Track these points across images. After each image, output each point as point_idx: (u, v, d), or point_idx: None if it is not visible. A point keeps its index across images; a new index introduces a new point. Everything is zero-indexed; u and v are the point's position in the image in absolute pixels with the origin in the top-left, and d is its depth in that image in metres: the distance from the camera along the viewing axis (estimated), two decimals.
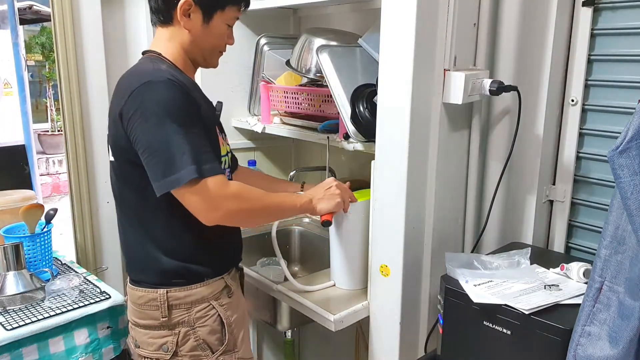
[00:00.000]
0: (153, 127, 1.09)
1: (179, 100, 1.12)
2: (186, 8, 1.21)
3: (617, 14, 1.34)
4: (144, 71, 1.17)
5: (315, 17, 2.05)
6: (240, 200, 1.16)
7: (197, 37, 1.25)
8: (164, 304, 1.23)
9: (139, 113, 1.11)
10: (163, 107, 1.10)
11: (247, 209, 1.19)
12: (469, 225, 1.50)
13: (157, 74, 1.14)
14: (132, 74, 1.19)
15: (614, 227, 0.94)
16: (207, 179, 1.10)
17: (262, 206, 1.22)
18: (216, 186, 1.11)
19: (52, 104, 7.14)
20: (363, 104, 1.43)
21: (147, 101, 1.10)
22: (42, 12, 6.08)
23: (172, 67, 1.22)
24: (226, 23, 1.28)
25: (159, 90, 1.11)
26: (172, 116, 1.09)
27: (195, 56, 1.29)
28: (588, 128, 1.43)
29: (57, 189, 6.36)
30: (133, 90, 1.12)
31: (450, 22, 1.28)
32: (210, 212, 1.13)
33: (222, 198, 1.12)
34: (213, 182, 1.11)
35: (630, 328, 0.87)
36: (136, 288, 1.27)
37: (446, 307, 1.22)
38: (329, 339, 2.15)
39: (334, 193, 1.35)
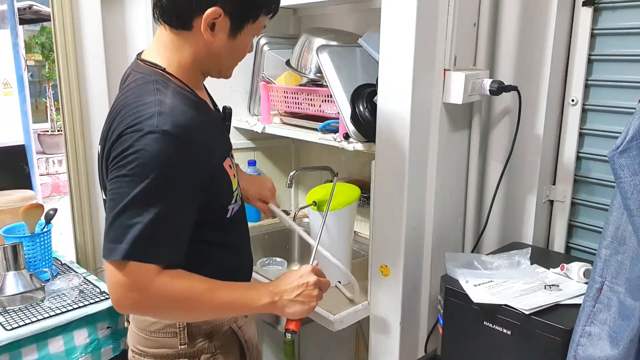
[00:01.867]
0: (123, 183, 0.92)
1: (166, 160, 0.92)
2: (214, 17, 0.98)
3: (617, 14, 1.34)
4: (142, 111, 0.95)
5: (315, 17, 2.05)
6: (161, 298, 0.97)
7: (217, 52, 1.04)
8: (184, 331, 1.10)
9: (118, 160, 0.93)
10: (143, 166, 0.91)
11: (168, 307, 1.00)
12: (469, 225, 1.50)
13: (153, 120, 0.93)
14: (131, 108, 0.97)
15: (615, 227, 0.94)
16: (136, 264, 0.92)
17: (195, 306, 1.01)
18: (137, 277, 0.93)
19: (52, 104, 7.14)
20: (363, 104, 1.43)
21: (129, 152, 0.92)
22: (42, 12, 6.07)
23: (179, 93, 1.01)
24: (254, 34, 1.08)
25: (147, 143, 0.91)
26: (146, 179, 0.91)
27: (210, 69, 1.09)
28: (588, 128, 1.43)
29: (57, 189, 6.35)
30: (122, 135, 0.94)
31: (450, 22, 1.28)
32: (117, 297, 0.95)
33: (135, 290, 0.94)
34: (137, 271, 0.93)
35: (631, 328, 0.87)
36: None
37: (446, 307, 1.22)
38: (329, 339, 2.15)
39: (312, 295, 1.09)
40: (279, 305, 1.08)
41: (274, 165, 2.18)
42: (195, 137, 0.96)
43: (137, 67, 1.06)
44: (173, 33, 1.02)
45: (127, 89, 1.03)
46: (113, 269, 0.93)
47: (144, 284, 0.94)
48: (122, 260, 0.91)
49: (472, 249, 1.51)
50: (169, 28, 1.02)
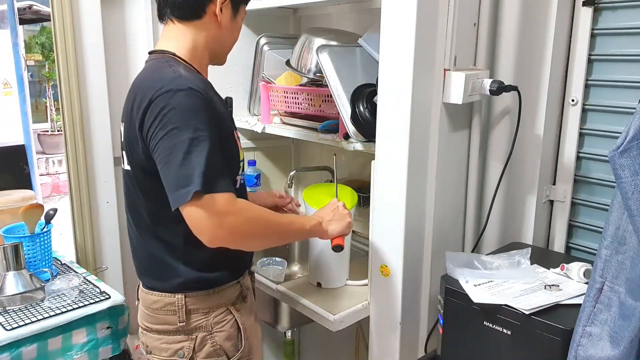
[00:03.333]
0: (171, 137, 1.04)
1: (199, 111, 1.07)
2: (223, 1, 1.17)
3: (617, 14, 1.34)
4: (165, 77, 1.09)
5: (315, 17, 2.05)
6: (246, 218, 1.09)
7: (225, 32, 1.22)
8: (182, 309, 1.20)
9: (157, 122, 1.06)
10: (182, 117, 1.05)
11: (253, 228, 1.12)
12: (469, 225, 1.50)
13: (178, 81, 1.08)
14: (153, 79, 1.11)
15: (615, 227, 0.94)
16: (213, 194, 1.03)
17: (269, 226, 1.16)
18: (222, 203, 1.04)
19: (52, 104, 7.14)
20: (363, 104, 1.43)
21: (166, 110, 1.05)
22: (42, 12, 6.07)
23: (189, 70, 1.16)
24: (243, 17, 1.27)
25: (180, 99, 1.05)
26: (190, 127, 1.04)
27: (217, 52, 1.25)
28: (588, 128, 1.43)
29: (57, 189, 6.35)
30: (152, 99, 1.07)
31: (450, 22, 1.28)
32: (212, 229, 1.04)
33: (226, 215, 1.05)
34: (219, 199, 1.04)
35: (632, 328, 0.87)
36: (151, 292, 1.23)
37: (446, 307, 1.22)
38: (329, 339, 2.15)
39: (343, 213, 1.30)
40: (323, 225, 1.27)
41: (274, 165, 2.18)
42: (211, 97, 1.12)
43: (149, 58, 1.22)
44: (183, 24, 1.18)
45: (142, 72, 1.19)
46: (194, 206, 1.02)
47: (232, 206, 1.06)
48: (202, 192, 1.01)
49: (472, 249, 1.51)
50: (178, 21, 1.18)
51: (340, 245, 1.29)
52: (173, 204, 1.04)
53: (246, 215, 1.09)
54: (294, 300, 1.49)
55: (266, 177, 2.15)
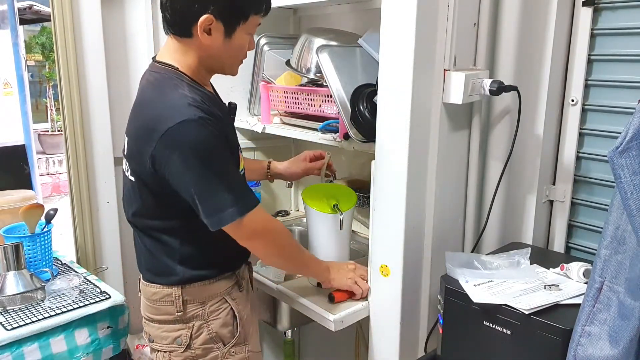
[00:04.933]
0: (195, 171, 1.12)
1: (214, 139, 1.13)
2: (207, 24, 1.15)
3: (617, 14, 1.34)
4: (174, 104, 1.13)
5: (315, 17, 2.05)
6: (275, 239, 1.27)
7: (217, 52, 1.21)
8: (179, 299, 1.27)
9: (176, 156, 1.11)
10: (200, 149, 1.11)
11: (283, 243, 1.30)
12: (469, 225, 1.50)
13: (188, 111, 1.11)
14: (163, 106, 1.15)
15: (614, 227, 0.94)
16: (250, 215, 1.17)
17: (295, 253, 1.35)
18: (256, 221, 1.20)
19: (52, 104, 7.14)
20: (363, 104, 1.43)
21: (184, 145, 1.10)
22: (42, 12, 6.07)
23: (193, 88, 1.19)
24: (248, 33, 1.23)
25: (195, 132, 1.10)
26: (209, 157, 1.12)
27: (214, 68, 1.27)
28: (588, 128, 1.43)
29: (57, 189, 6.36)
30: (165, 132, 1.10)
31: (450, 22, 1.28)
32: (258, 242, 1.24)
33: (267, 227, 1.24)
34: (254, 218, 1.18)
35: (631, 328, 0.87)
36: (150, 285, 1.30)
37: (446, 307, 1.22)
38: (329, 339, 2.15)
39: (354, 277, 1.43)
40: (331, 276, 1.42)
41: None
42: (218, 117, 1.17)
43: (153, 67, 1.24)
44: (178, 41, 1.20)
45: (148, 85, 1.22)
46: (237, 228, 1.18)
47: (270, 222, 1.26)
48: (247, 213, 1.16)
49: (472, 249, 1.51)
50: (174, 37, 1.21)
51: (335, 298, 1.43)
52: (213, 226, 1.16)
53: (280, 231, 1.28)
54: (294, 300, 1.49)
55: None
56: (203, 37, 1.16)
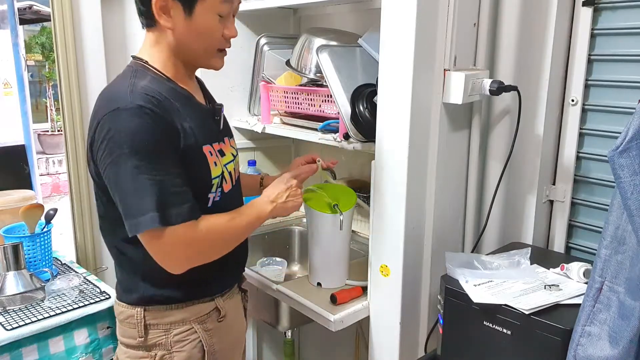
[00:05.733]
0: (117, 163, 0.99)
1: (147, 132, 1.00)
2: (162, 4, 1.05)
3: (617, 14, 1.34)
4: (117, 93, 1.04)
5: (315, 17, 2.05)
6: (209, 243, 1.09)
7: (182, 36, 1.09)
8: (141, 323, 1.13)
9: (104, 145, 1.00)
10: (128, 141, 0.98)
11: (216, 248, 1.12)
12: (469, 225, 1.50)
13: (127, 98, 1.01)
14: (108, 94, 1.08)
15: (614, 227, 0.94)
16: (172, 228, 1.00)
17: (232, 237, 1.14)
18: (179, 237, 1.02)
19: (52, 104, 7.14)
20: (363, 104, 1.43)
21: (112, 132, 0.99)
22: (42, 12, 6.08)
23: (156, 79, 1.09)
24: (215, 12, 1.09)
25: (125, 120, 0.99)
26: (137, 152, 0.98)
27: (188, 58, 1.14)
28: (588, 128, 1.43)
29: (57, 189, 6.36)
30: (101, 118, 1.01)
31: (450, 22, 1.28)
32: (173, 262, 1.05)
33: (188, 247, 1.04)
34: (177, 233, 1.01)
35: (631, 328, 0.87)
36: (118, 303, 1.20)
37: (446, 307, 1.22)
38: (329, 339, 2.15)
39: (297, 193, 1.27)
40: (277, 208, 1.22)
41: (274, 165, 2.18)
42: (165, 113, 1.03)
43: (129, 63, 1.15)
44: (149, 32, 1.13)
45: (110, 83, 1.14)
46: (151, 239, 1.01)
47: (191, 238, 1.04)
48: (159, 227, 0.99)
49: (472, 249, 1.51)
50: (146, 30, 1.14)
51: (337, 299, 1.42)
52: (129, 231, 1.01)
53: (208, 241, 1.08)
54: (294, 300, 1.49)
55: None
56: (162, 19, 1.07)
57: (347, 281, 1.55)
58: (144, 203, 0.98)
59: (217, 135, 1.21)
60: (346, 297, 1.45)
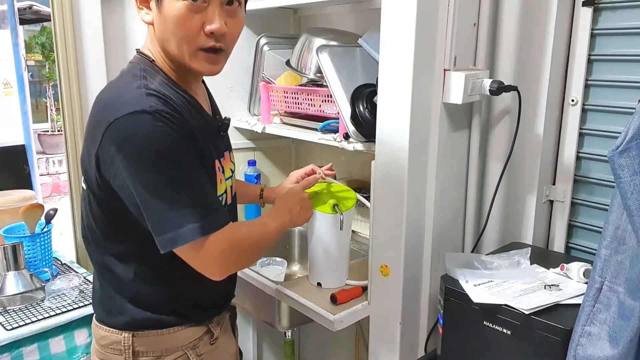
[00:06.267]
0: (145, 171, 0.89)
1: (171, 137, 0.90)
2: None
3: (617, 14, 1.34)
4: (128, 94, 0.93)
5: (315, 17, 2.05)
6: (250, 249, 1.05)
7: (159, 31, 0.97)
8: (129, 350, 1.04)
9: (122, 155, 0.89)
10: (153, 149, 0.89)
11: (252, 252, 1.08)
12: (469, 225, 1.50)
13: (143, 101, 0.90)
14: (115, 95, 0.96)
15: (614, 227, 0.94)
16: (215, 235, 0.94)
17: (264, 243, 1.10)
18: (221, 243, 0.96)
19: (52, 104, 7.14)
20: (363, 104, 1.43)
21: (134, 138, 0.88)
22: (42, 12, 6.08)
23: (166, 83, 1.00)
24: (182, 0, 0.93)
25: (146, 125, 0.88)
26: (165, 159, 0.89)
27: (171, 56, 1.00)
28: (588, 128, 1.43)
29: (57, 189, 6.36)
30: (112, 123, 0.89)
31: (450, 22, 1.28)
32: (219, 269, 0.99)
33: (227, 253, 0.98)
34: (221, 238, 0.95)
35: (631, 328, 0.87)
36: (100, 326, 1.09)
37: (446, 307, 1.22)
38: (329, 339, 2.15)
39: (308, 205, 1.26)
40: (294, 219, 1.20)
41: (274, 165, 2.18)
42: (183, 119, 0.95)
43: (133, 57, 1.07)
44: (148, 30, 1.04)
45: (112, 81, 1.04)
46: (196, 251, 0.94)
47: (233, 243, 0.98)
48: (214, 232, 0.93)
49: (472, 249, 1.51)
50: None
51: (337, 299, 1.42)
52: (161, 246, 0.93)
53: (248, 244, 1.04)
54: (294, 300, 1.49)
55: (266, 177, 2.15)
56: (141, 13, 0.99)
57: (347, 281, 1.55)
58: (181, 215, 0.90)
59: (221, 150, 1.14)
60: (346, 297, 1.45)
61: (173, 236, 0.91)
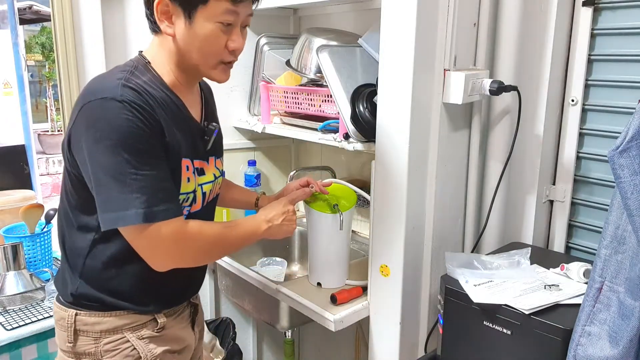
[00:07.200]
0: (104, 153, 0.95)
1: (136, 126, 0.97)
2: (164, 9, 1.02)
3: (617, 14, 1.34)
4: (108, 82, 1.01)
5: (315, 17, 2.05)
6: (196, 248, 1.07)
7: (183, 44, 1.05)
8: (71, 327, 1.08)
9: (89, 133, 0.97)
10: (117, 132, 0.95)
11: (202, 253, 1.10)
12: (469, 225, 1.50)
13: (116, 91, 0.98)
14: (98, 82, 1.04)
15: (614, 226, 0.94)
16: (158, 224, 0.98)
17: (220, 246, 1.13)
18: (167, 234, 1.00)
19: (52, 104, 7.15)
20: (363, 104, 1.43)
21: (100, 121, 0.96)
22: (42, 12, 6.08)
23: (153, 82, 1.06)
24: (216, 21, 1.03)
25: (114, 111, 0.96)
26: (126, 144, 0.95)
27: (189, 67, 1.09)
28: (588, 128, 1.43)
29: (57, 189, 6.35)
30: (86, 103, 0.98)
31: (450, 22, 1.28)
32: (158, 258, 1.03)
33: (174, 245, 1.02)
34: (164, 229, 0.99)
35: (631, 328, 0.87)
36: (55, 302, 1.14)
37: (446, 307, 1.22)
38: (329, 339, 2.15)
39: (292, 219, 1.26)
40: (272, 229, 1.21)
41: (274, 165, 2.18)
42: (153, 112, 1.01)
43: (135, 57, 1.13)
44: (156, 37, 1.11)
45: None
46: (139, 234, 0.99)
47: (179, 237, 1.02)
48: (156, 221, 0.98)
49: (472, 249, 1.51)
50: (153, 34, 1.12)
51: (337, 300, 1.42)
52: (104, 223, 0.98)
53: (197, 242, 1.06)
54: (294, 300, 1.49)
55: (266, 177, 2.15)
56: (163, 25, 1.04)
57: (347, 281, 1.55)
58: (128, 198, 0.96)
59: (202, 153, 1.17)
60: (346, 297, 1.45)
61: (115, 216, 0.97)
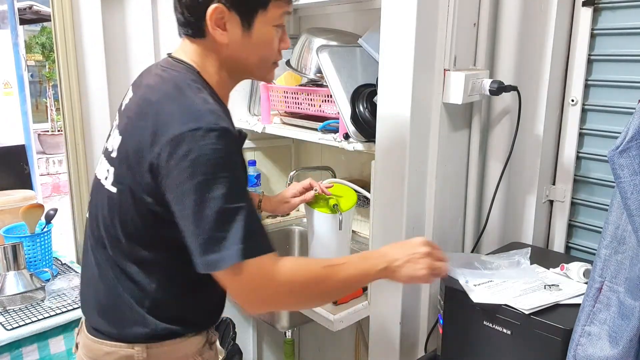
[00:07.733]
0: (199, 189, 0.87)
1: (231, 157, 0.90)
2: (219, 17, 0.96)
3: (617, 14, 1.34)
4: (193, 108, 0.92)
5: (315, 17, 2.05)
6: (290, 289, 0.93)
7: (237, 51, 1.00)
8: None
9: (183, 166, 0.87)
10: (215, 166, 0.87)
11: (300, 296, 0.97)
12: (469, 225, 1.50)
13: (209, 118, 0.90)
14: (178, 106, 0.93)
15: (614, 226, 0.94)
16: (256, 259, 0.88)
17: (321, 288, 0.97)
18: (263, 272, 0.89)
19: (52, 104, 7.14)
20: (363, 104, 1.43)
21: (196, 154, 0.87)
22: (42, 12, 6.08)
23: (213, 97, 0.98)
24: (273, 24, 1.01)
25: (212, 143, 0.87)
26: (223, 179, 0.87)
27: (240, 73, 1.06)
28: (588, 128, 1.43)
29: (57, 189, 6.35)
30: (176, 136, 0.88)
31: (450, 22, 1.28)
32: (255, 303, 0.93)
33: (269, 288, 0.91)
34: (260, 267, 0.89)
35: (631, 328, 0.87)
36: (101, 341, 1.03)
37: (446, 307, 1.22)
38: (329, 339, 2.15)
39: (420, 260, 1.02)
40: (393, 269, 1.01)
41: (274, 165, 2.18)
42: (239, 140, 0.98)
43: (167, 63, 1.04)
44: (195, 43, 1.02)
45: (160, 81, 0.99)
46: (233, 276, 0.88)
47: (271, 275, 0.90)
48: (242, 261, 0.86)
49: (472, 249, 1.51)
50: (190, 39, 1.02)
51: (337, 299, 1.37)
52: (200, 268, 0.88)
53: (290, 281, 0.92)
54: None
55: (266, 177, 2.16)
56: (216, 33, 0.97)
57: None
58: (230, 235, 0.86)
59: None
60: (346, 297, 1.45)
61: (219, 257, 0.87)
